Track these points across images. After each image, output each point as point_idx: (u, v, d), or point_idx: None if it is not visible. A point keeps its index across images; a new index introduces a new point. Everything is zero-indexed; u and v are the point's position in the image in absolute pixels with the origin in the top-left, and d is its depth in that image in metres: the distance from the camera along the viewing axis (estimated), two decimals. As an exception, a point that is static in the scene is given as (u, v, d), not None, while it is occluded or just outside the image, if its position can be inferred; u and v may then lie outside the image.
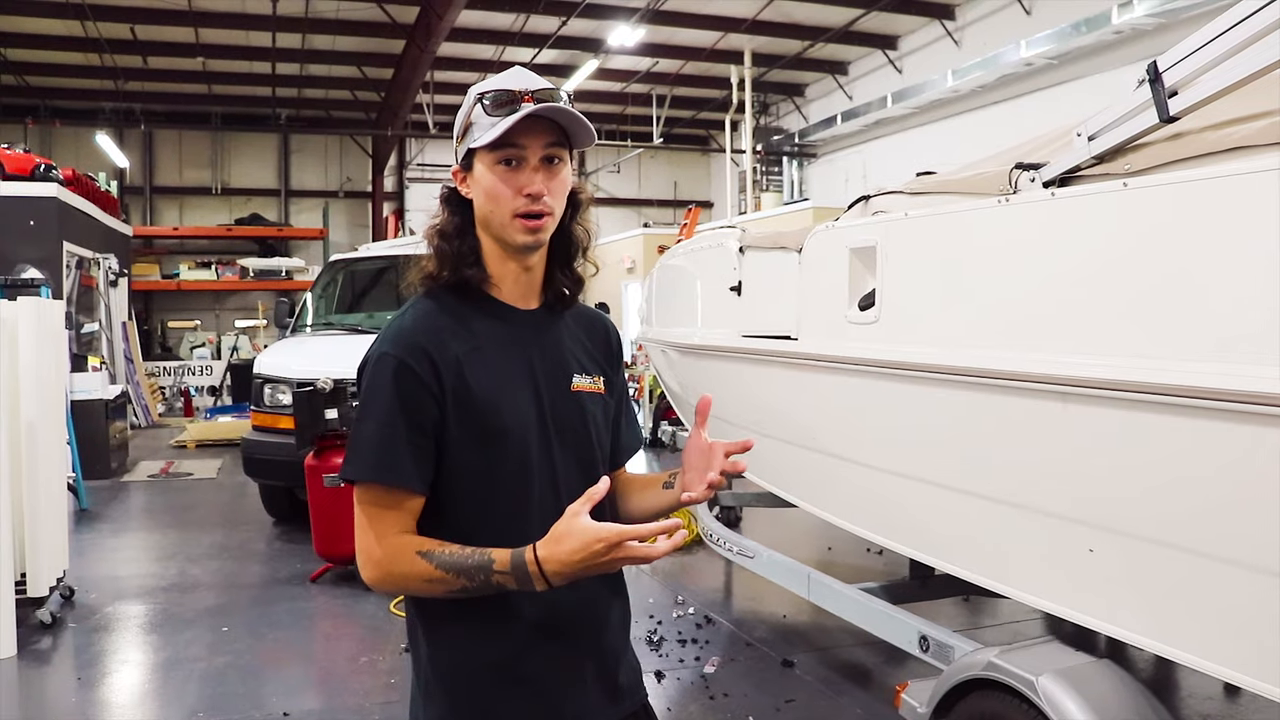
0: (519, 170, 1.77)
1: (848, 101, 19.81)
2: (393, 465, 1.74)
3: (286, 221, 23.43)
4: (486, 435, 1.78)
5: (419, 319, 1.82)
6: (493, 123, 1.74)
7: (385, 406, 1.74)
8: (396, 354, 1.76)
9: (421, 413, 1.75)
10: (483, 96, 1.78)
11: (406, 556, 1.71)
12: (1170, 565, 2.62)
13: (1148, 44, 12.43)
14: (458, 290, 1.85)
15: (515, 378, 1.83)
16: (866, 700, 4.83)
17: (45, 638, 5.81)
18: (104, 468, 11.06)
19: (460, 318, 1.83)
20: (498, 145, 1.75)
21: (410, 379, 1.74)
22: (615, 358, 2.07)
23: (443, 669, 1.83)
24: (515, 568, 1.64)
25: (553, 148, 1.79)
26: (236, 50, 18.28)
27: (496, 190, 1.77)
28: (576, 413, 1.89)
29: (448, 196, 1.88)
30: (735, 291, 5.18)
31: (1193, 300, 2.42)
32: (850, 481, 4.28)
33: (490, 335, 1.83)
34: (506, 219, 1.78)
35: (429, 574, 1.69)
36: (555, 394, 1.87)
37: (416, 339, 1.77)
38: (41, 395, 6.03)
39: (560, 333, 1.94)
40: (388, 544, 1.73)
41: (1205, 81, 2.45)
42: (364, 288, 10.28)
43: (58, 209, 13.21)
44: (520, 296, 1.89)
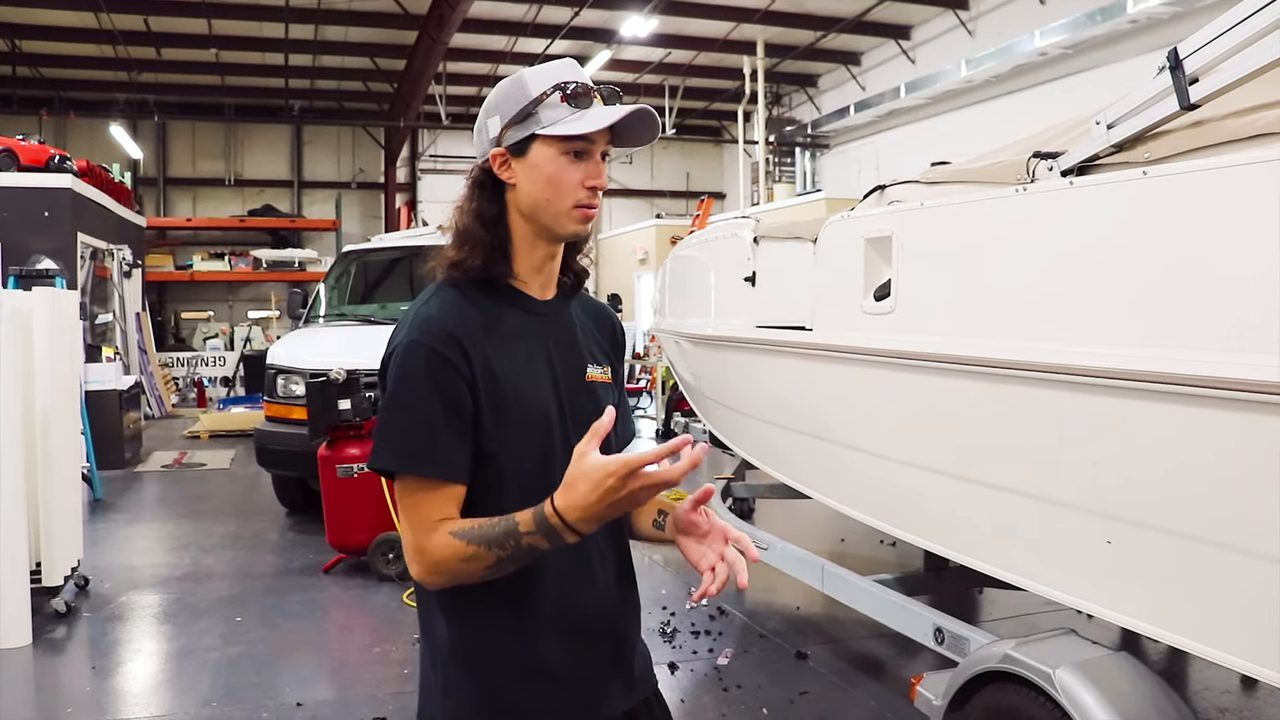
0: (584, 162, 1.77)
1: (861, 92, 19.75)
2: (431, 455, 1.71)
3: (299, 213, 23.48)
4: (513, 425, 1.77)
5: (445, 308, 1.79)
6: (573, 114, 1.75)
7: (421, 395, 1.71)
8: (427, 341, 1.73)
9: (459, 400, 1.73)
10: (564, 86, 1.76)
11: (442, 539, 1.68)
12: (1189, 557, 2.60)
13: (1164, 33, 12.34)
14: (480, 281, 1.83)
15: (537, 368, 1.83)
16: (881, 692, 4.81)
17: (60, 627, 5.83)
18: (118, 458, 11.11)
19: (483, 307, 1.81)
20: (576, 137, 1.75)
21: (445, 366, 1.72)
22: (619, 349, 2.07)
23: (465, 661, 1.81)
24: (539, 524, 1.62)
25: (609, 145, 1.81)
26: (249, 41, 18.31)
27: (561, 179, 1.76)
28: (591, 402, 1.88)
29: (482, 181, 1.84)
30: (749, 282, 5.15)
31: (1214, 289, 2.39)
32: (865, 473, 4.26)
33: (512, 324, 1.82)
34: (565, 208, 1.78)
35: (464, 552, 1.66)
36: (572, 384, 1.87)
37: (446, 326, 1.75)
38: (56, 386, 6.04)
39: (574, 322, 1.94)
40: (426, 532, 1.70)
41: (1227, 68, 2.42)
42: (377, 279, 10.28)
43: (72, 200, 13.26)
44: (539, 286, 1.88)
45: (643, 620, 2.02)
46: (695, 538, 1.78)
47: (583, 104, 1.75)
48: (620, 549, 1.95)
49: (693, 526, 1.78)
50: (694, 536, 1.78)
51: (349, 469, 6.68)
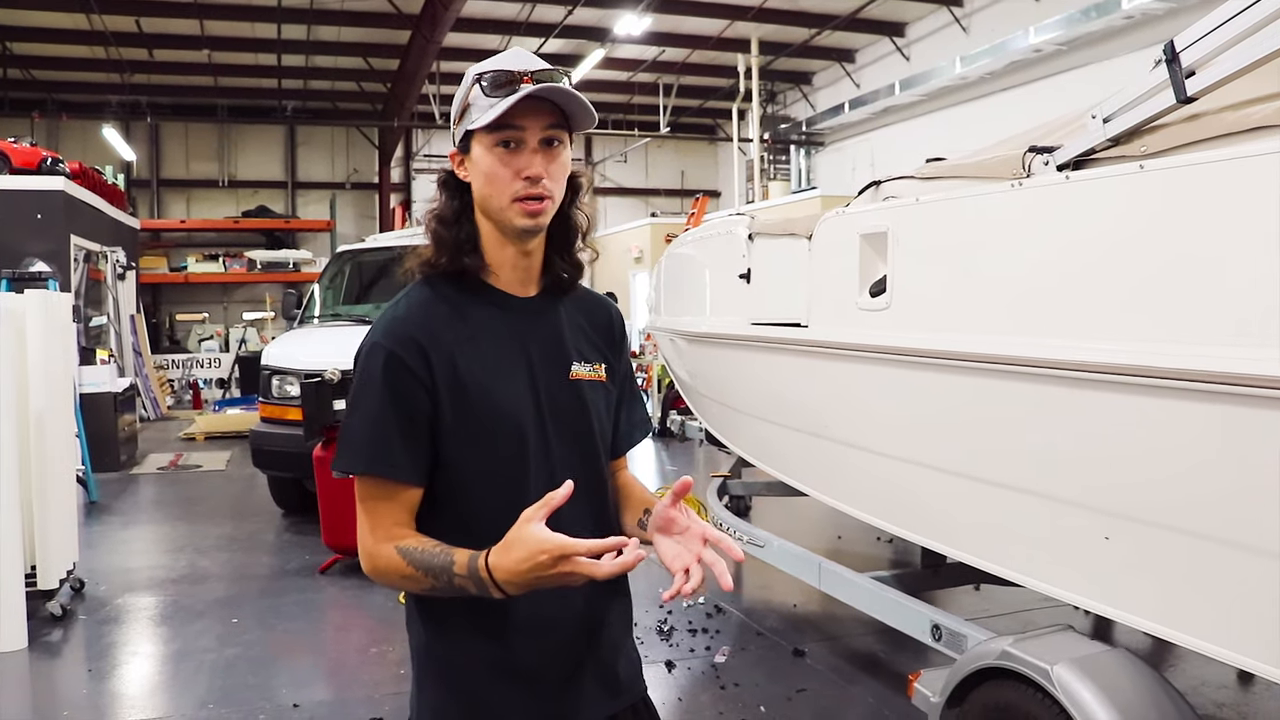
0: (518, 152, 1.72)
1: (855, 89, 19.77)
2: (384, 457, 1.71)
3: (294, 213, 23.46)
4: (481, 426, 1.75)
5: (413, 308, 1.78)
6: (491, 104, 1.69)
7: (376, 398, 1.72)
8: (388, 345, 1.73)
9: (413, 404, 1.72)
10: (481, 77, 1.73)
11: (387, 551, 1.69)
12: (1186, 552, 2.59)
13: (1158, 29, 12.36)
14: (454, 278, 1.81)
15: (510, 366, 1.79)
16: (879, 689, 4.81)
17: (56, 630, 5.81)
18: (113, 460, 11.08)
19: (456, 306, 1.79)
20: (496, 127, 1.70)
21: (401, 370, 1.71)
22: (619, 344, 2.02)
23: (438, 659, 1.82)
24: (471, 572, 1.61)
25: (552, 129, 1.73)
26: (242, 42, 18.29)
27: (495, 172, 1.72)
28: (574, 402, 1.86)
29: (445, 181, 1.84)
30: (744, 279, 5.15)
31: (1210, 284, 2.39)
32: (861, 469, 4.25)
33: (486, 323, 1.80)
34: (505, 202, 1.73)
35: (404, 571, 1.68)
36: (552, 382, 1.83)
37: (409, 329, 1.74)
38: (50, 388, 6.02)
39: (559, 320, 1.89)
40: (376, 537, 1.72)
41: (1223, 61, 2.42)
42: (371, 279, 10.25)
43: (65, 202, 13.21)
44: (518, 283, 1.84)
45: (640, 618, 2.01)
46: (672, 535, 1.76)
47: (505, 92, 1.69)
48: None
49: (670, 524, 1.76)
50: (671, 534, 1.76)
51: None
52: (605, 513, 1.91)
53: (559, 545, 1.53)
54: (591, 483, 1.87)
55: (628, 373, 2.05)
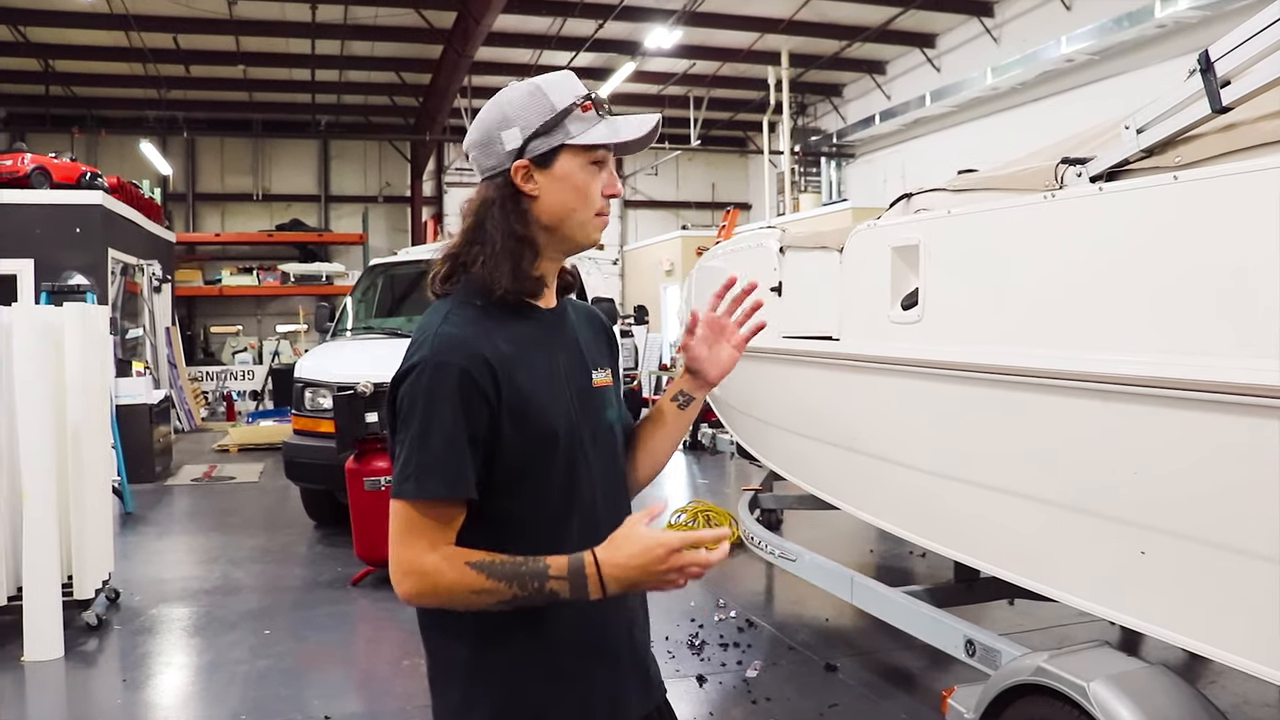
0: (603, 171, 1.82)
1: (886, 101, 19.69)
2: (461, 480, 1.71)
3: (326, 227, 23.61)
4: (539, 436, 1.77)
5: (465, 324, 1.76)
6: (598, 123, 1.79)
7: (450, 418, 1.69)
8: (458, 363, 1.70)
9: (479, 424, 1.72)
10: (588, 97, 1.81)
11: (456, 568, 1.67)
12: (1224, 567, 2.56)
13: (1192, 38, 12.24)
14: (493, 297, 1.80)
15: (554, 378, 1.83)
16: (912, 705, 4.76)
17: (91, 639, 5.86)
18: (148, 471, 11.18)
19: (500, 321, 1.80)
20: (592, 146, 1.78)
21: (472, 389, 1.70)
22: (615, 349, 2.09)
23: (485, 676, 1.81)
24: (573, 573, 1.64)
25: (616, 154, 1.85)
26: (276, 58, 18.48)
27: (589, 189, 1.80)
28: (600, 408, 1.91)
29: (513, 194, 1.79)
30: (776, 292, 5.14)
31: (1248, 296, 2.36)
32: (894, 483, 4.23)
33: (526, 336, 1.82)
34: (589, 217, 1.81)
35: (479, 585, 1.66)
36: (582, 391, 1.89)
37: (477, 347, 1.72)
38: (87, 400, 6.09)
39: (575, 329, 1.95)
40: (438, 556, 1.69)
41: (1259, 70, 2.39)
42: (403, 292, 10.30)
43: (103, 216, 13.39)
44: (547, 296, 1.90)
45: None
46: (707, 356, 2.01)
47: (604, 114, 1.81)
48: None
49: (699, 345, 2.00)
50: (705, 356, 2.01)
51: (376, 481, 6.69)
52: (626, 511, 1.94)
53: (681, 539, 1.62)
54: (620, 485, 1.96)
55: (619, 372, 2.12)
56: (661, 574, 1.62)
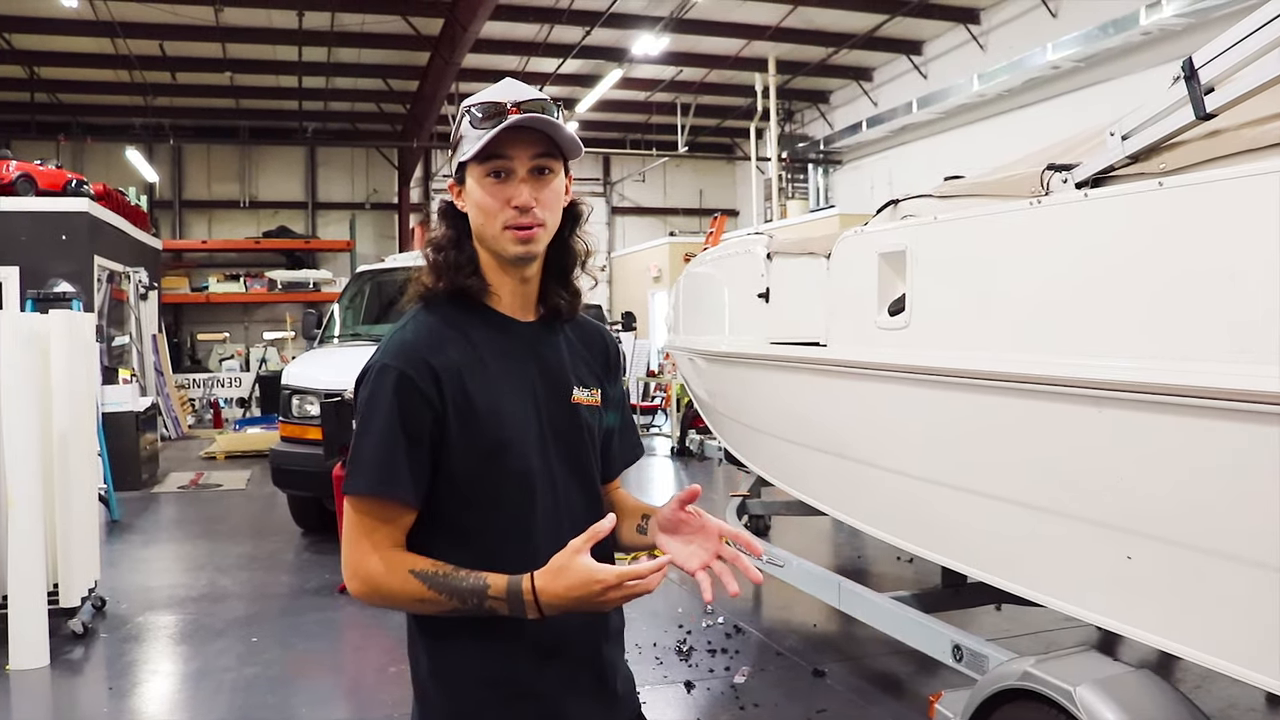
0: (507, 182, 1.76)
1: (873, 108, 19.76)
2: (393, 479, 1.73)
3: (314, 234, 23.59)
4: (488, 446, 1.77)
5: (420, 330, 1.80)
6: (479, 135, 1.74)
7: (386, 419, 1.73)
8: (398, 366, 1.74)
9: (420, 426, 1.73)
10: (470, 109, 1.78)
11: (399, 575, 1.71)
12: (1212, 572, 2.57)
13: (1177, 45, 12.31)
14: (457, 301, 1.84)
15: (515, 389, 1.82)
16: (899, 710, 4.77)
17: (77, 648, 5.83)
18: (135, 479, 11.15)
19: (461, 328, 1.81)
20: (485, 157, 1.75)
21: (411, 391, 1.73)
22: (613, 369, 2.05)
23: (442, 680, 1.83)
24: (511, 595, 1.66)
25: (541, 158, 1.77)
26: (263, 65, 18.46)
27: (486, 203, 1.76)
28: (574, 425, 1.89)
29: (445, 211, 1.87)
30: (763, 298, 5.14)
31: (1232, 301, 2.37)
32: (881, 489, 4.23)
33: (491, 346, 1.82)
34: (497, 231, 1.77)
35: (420, 594, 1.70)
36: (554, 406, 1.86)
37: (418, 351, 1.76)
38: (73, 407, 6.06)
39: (559, 345, 1.92)
40: (380, 559, 1.73)
41: (1243, 77, 2.41)
42: (390, 298, 10.26)
43: (89, 224, 13.35)
44: (519, 308, 1.88)
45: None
46: (682, 537, 1.81)
47: (492, 124, 1.74)
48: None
49: (680, 525, 1.82)
50: (680, 536, 1.82)
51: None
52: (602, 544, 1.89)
53: (615, 575, 1.61)
54: (590, 504, 1.91)
55: (621, 398, 2.08)
56: (599, 603, 1.64)
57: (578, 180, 2.06)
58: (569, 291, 1.92)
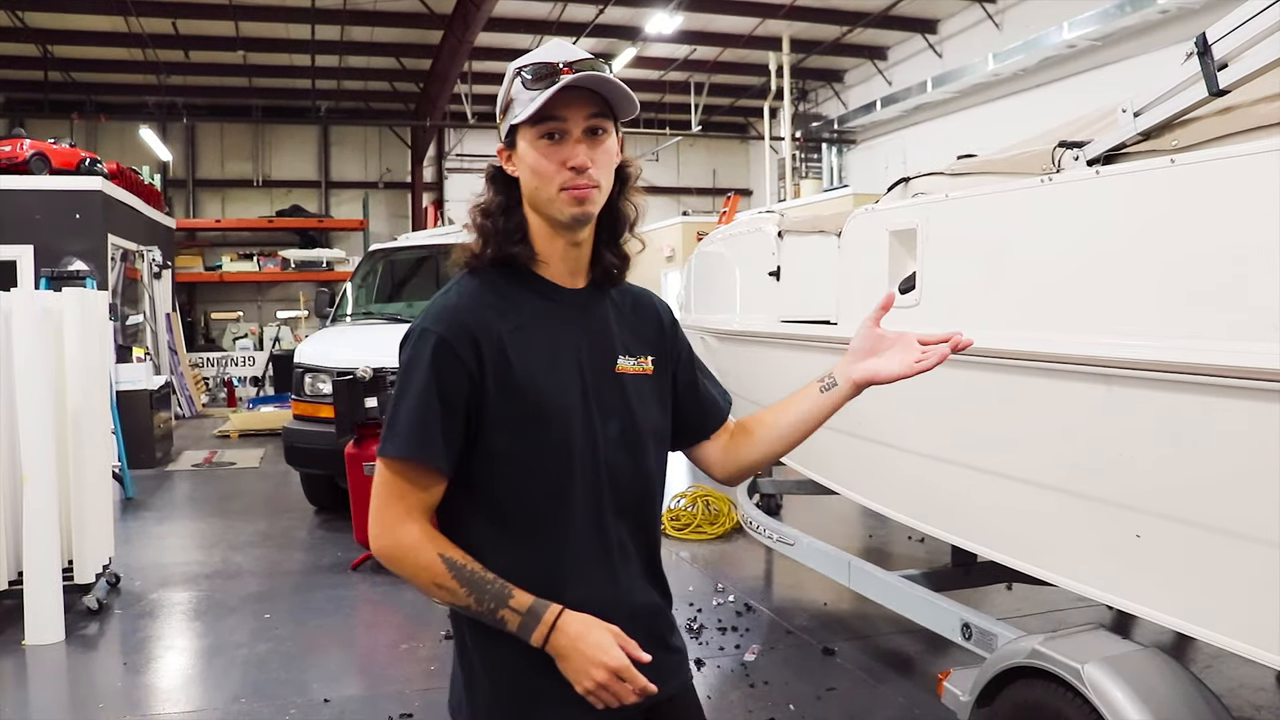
0: (562, 144, 1.73)
1: (887, 87, 19.63)
2: (426, 442, 1.72)
3: (327, 213, 23.59)
4: (527, 414, 1.75)
5: (463, 297, 1.80)
6: (532, 96, 1.71)
7: (423, 384, 1.73)
8: (438, 331, 1.74)
9: (456, 392, 1.73)
10: (521, 70, 1.74)
11: (427, 553, 1.73)
12: (1220, 551, 2.56)
13: (1195, 23, 12.17)
14: (503, 268, 1.82)
15: (559, 357, 1.80)
16: (908, 688, 4.78)
17: (92, 623, 5.88)
18: (149, 457, 11.20)
19: (505, 295, 1.80)
20: (539, 119, 1.72)
21: (449, 357, 1.72)
22: (669, 333, 2.02)
23: (485, 652, 1.82)
24: (530, 612, 1.69)
25: (595, 119, 1.75)
26: (276, 43, 18.43)
27: (540, 165, 1.74)
28: (619, 395, 1.86)
29: (494, 176, 1.85)
30: (774, 276, 5.13)
31: (1244, 279, 2.35)
32: (892, 468, 4.23)
33: (535, 313, 1.81)
34: (553, 193, 1.74)
35: (443, 580, 1.71)
36: (598, 375, 1.84)
37: (460, 316, 1.75)
38: (87, 385, 6.10)
39: (607, 312, 1.90)
40: (417, 530, 1.74)
41: (1257, 53, 2.39)
42: (403, 277, 10.32)
43: (103, 202, 13.37)
44: (568, 275, 1.85)
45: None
46: (882, 356, 1.96)
47: (545, 85, 1.70)
48: (648, 545, 1.94)
49: (879, 343, 1.95)
50: (881, 355, 1.96)
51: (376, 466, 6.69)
52: (643, 508, 1.92)
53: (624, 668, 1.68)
54: (636, 480, 1.89)
55: (689, 356, 2.07)
56: (586, 672, 1.68)
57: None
58: (619, 255, 1.91)
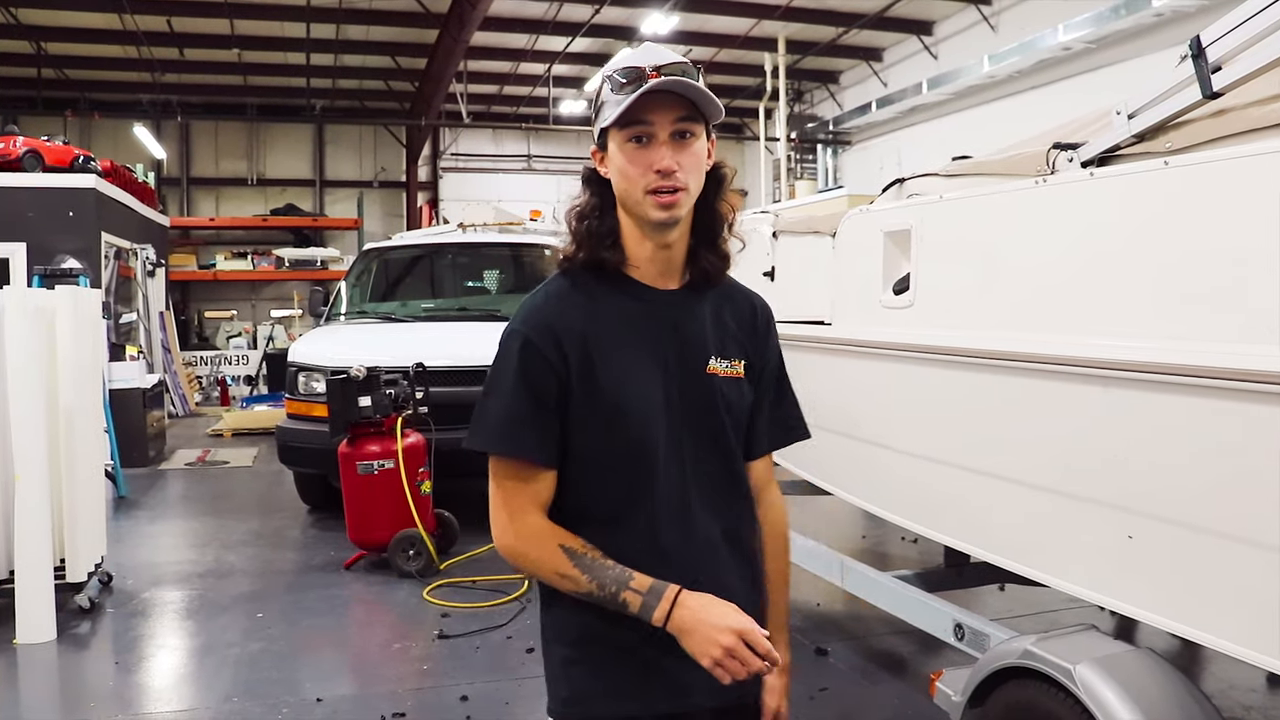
0: (649, 147, 1.77)
1: (882, 88, 19.63)
2: (515, 437, 1.80)
3: (321, 211, 23.55)
4: (608, 415, 1.81)
5: (550, 298, 1.86)
6: (619, 100, 1.76)
7: (510, 382, 1.80)
8: (524, 331, 1.81)
9: (545, 389, 1.79)
10: (610, 75, 1.80)
11: (549, 546, 1.78)
12: (1212, 552, 2.57)
13: (1189, 26, 12.18)
14: (594, 270, 1.87)
15: (644, 358, 1.84)
16: (901, 689, 4.79)
17: (84, 622, 5.87)
18: (142, 455, 11.18)
19: (594, 297, 1.85)
20: (626, 123, 1.76)
21: (535, 356, 1.79)
22: (762, 337, 2.03)
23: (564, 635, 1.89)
24: (652, 589, 1.73)
25: (683, 122, 1.78)
26: (271, 41, 18.37)
27: (627, 169, 1.78)
28: (707, 396, 1.89)
29: (589, 177, 1.90)
30: (768, 276, 5.14)
31: (1237, 281, 2.36)
32: (885, 468, 4.24)
33: (622, 314, 1.85)
34: (640, 196, 1.78)
35: (564, 569, 1.76)
36: (687, 376, 1.87)
37: (545, 317, 1.82)
38: (80, 383, 6.08)
39: (701, 313, 1.92)
40: (527, 523, 1.81)
41: (1250, 56, 2.40)
42: (398, 277, 10.31)
43: (96, 200, 13.34)
44: (658, 275, 1.88)
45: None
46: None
47: (632, 89, 1.75)
48: (740, 543, 1.96)
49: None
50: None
51: (369, 466, 6.70)
52: (734, 509, 1.95)
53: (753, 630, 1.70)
54: (725, 482, 1.93)
55: (774, 369, 2.07)
56: (714, 640, 1.69)
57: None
58: (717, 255, 1.93)
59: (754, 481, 2.05)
